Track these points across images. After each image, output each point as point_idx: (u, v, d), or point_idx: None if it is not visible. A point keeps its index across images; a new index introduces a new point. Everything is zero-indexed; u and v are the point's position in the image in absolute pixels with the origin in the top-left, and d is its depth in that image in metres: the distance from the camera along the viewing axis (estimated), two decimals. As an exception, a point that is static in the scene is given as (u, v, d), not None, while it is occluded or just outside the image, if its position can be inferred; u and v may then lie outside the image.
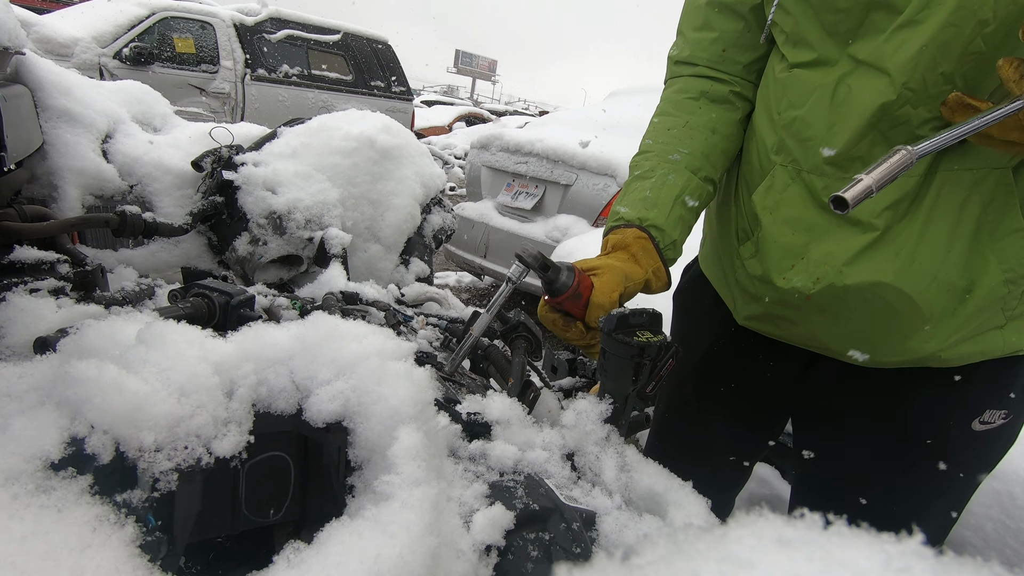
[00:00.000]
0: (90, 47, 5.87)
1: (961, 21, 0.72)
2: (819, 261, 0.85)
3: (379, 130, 1.83)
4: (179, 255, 1.63)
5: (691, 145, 0.96)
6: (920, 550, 0.27)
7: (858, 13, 0.79)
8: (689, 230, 0.97)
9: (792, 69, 0.88)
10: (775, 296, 0.91)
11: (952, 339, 0.83)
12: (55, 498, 0.50)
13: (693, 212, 0.96)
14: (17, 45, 1.18)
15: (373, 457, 0.60)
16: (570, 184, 3.77)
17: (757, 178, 0.93)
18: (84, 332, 0.66)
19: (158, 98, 1.97)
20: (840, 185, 0.82)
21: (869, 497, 0.96)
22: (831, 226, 0.85)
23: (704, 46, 0.99)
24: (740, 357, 1.08)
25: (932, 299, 0.81)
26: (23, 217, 1.08)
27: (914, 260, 0.80)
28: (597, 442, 0.78)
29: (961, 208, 0.79)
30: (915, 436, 0.92)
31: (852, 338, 0.88)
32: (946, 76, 0.74)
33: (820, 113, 0.84)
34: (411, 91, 8.84)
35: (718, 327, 1.10)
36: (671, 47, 1.06)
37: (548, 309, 0.87)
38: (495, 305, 0.90)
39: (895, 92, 0.77)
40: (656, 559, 0.30)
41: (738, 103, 0.99)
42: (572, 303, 0.84)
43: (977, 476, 0.95)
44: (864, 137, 0.80)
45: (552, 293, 0.84)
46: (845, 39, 0.82)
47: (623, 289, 0.85)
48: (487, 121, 14.13)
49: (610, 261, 0.88)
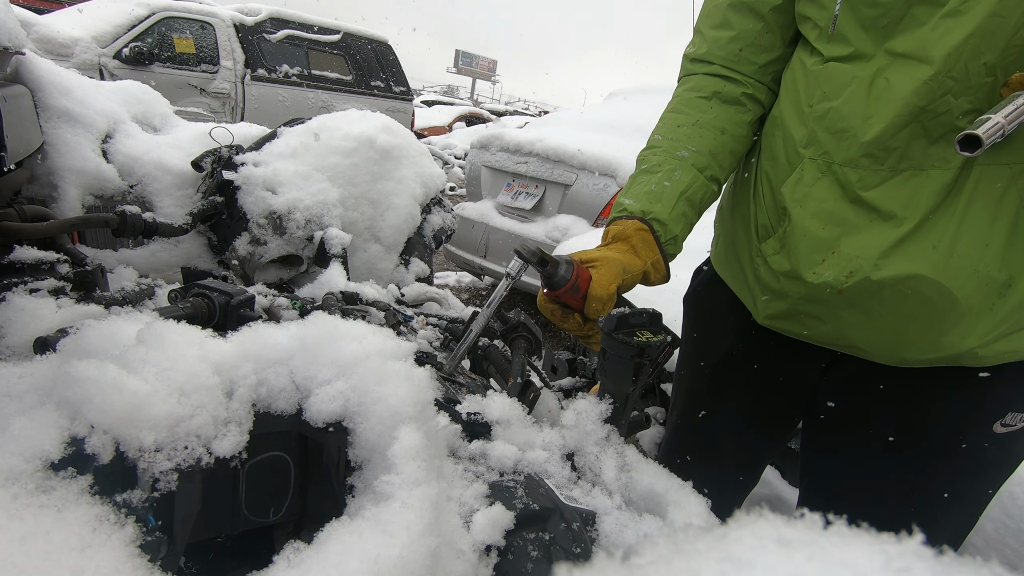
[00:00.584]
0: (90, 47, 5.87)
1: (1007, 11, 0.72)
2: (852, 255, 0.84)
3: (379, 130, 1.83)
4: (179, 255, 1.63)
5: (699, 143, 0.96)
6: (920, 550, 0.27)
7: (900, 7, 0.79)
8: (691, 227, 0.97)
9: (827, 62, 0.88)
10: (803, 292, 0.90)
11: (991, 335, 0.82)
12: (55, 498, 0.50)
13: (696, 210, 0.96)
14: (17, 45, 1.18)
15: (373, 457, 0.60)
16: (570, 184, 3.77)
17: (783, 173, 0.92)
18: (84, 332, 0.66)
19: (158, 98, 1.97)
20: (874, 178, 0.82)
21: (885, 500, 0.95)
22: (863, 220, 0.84)
23: (721, 44, 0.99)
24: (758, 359, 1.07)
25: (971, 293, 0.80)
26: (23, 217, 1.08)
27: (953, 253, 0.79)
28: (597, 442, 0.78)
29: (999, 202, 0.78)
30: (937, 438, 0.91)
31: (884, 334, 0.87)
32: (988, 67, 0.74)
33: (856, 104, 0.83)
34: (411, 91, 8.84)
35: (735, 329, 1.09)
36: (687, 45, 1.07)
37: (547, 301, 0.87)
38: (495, 302, 0.90)
39: (937, 81, 0.76)
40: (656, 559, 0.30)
41: (750, 105, 0.99)
42: (570, 296, 0.84)
43: (996, 480, 0.94)
44: (903, 128, 0.79)
45: (551, 287, 0.84)
46: (883, 34, 0.82)
47: (621, 281, 0.85)
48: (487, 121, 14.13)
49: (608, 253, 0.88)
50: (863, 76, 0.83)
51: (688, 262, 1.28)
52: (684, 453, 1.22)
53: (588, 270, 0.85)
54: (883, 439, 0.95)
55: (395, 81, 8.38)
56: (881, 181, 0.82)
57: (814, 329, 0.94)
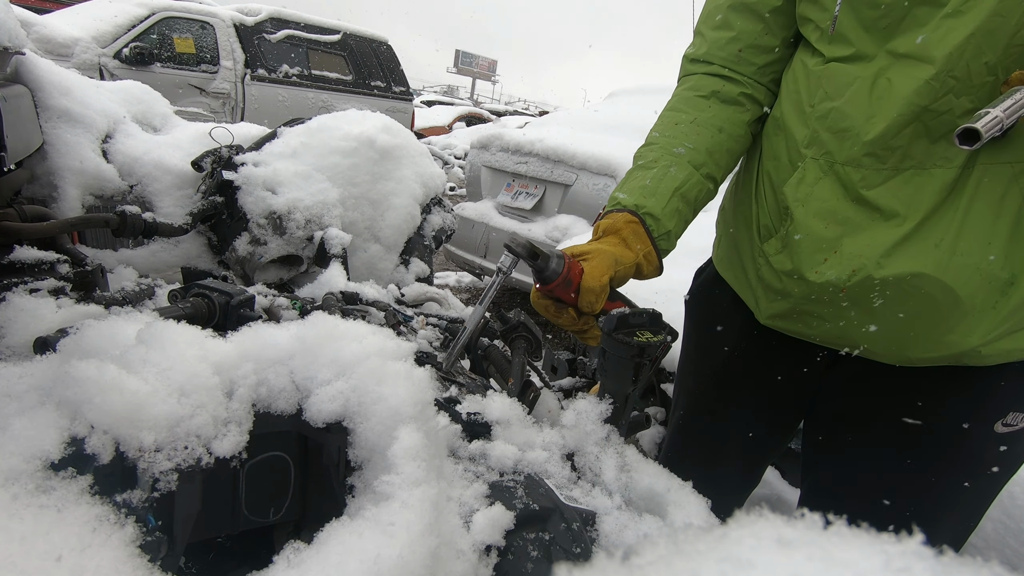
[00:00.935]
0: (90, 47, 5.87)
1: (1007, 11, 0.73)
2: (854, 254, 0.84)
3: (379, 130, 1.83)
4: (179, 255, 1.63)
5: (697, 141, 0.97)
6: (920, 550, 0.27)
7: (901, 8, 0.80)
8: (686, 224, 0.97)
9: (828, 63, 0.88)
10: (805, 291, 0.90)
11: (993, 334, 0.82)
12: (55, 498, 0.50)
13: (691, 207, 0.96)
14: (17, 45, 1.18)
15: (373, 457, 0.60)
16: (570, 184, 3.77)
17: (785, 173, 0.93)
18: (84, 332, 0.66)
19: (158, 98, 1.97)
20: (877, 177, 0.82)
21: (887, 500, 0.95)
22: (865, 219, 0.84)
23: (721, 45, 1.00)
24: (761, 359, 1.07)
25: (974, 291, 0.80)
26: (23, 217, 1.08)
27: (955, 251, 0.80)
28: (597, 442, 0.78)
29: (1001, 201, 0.79)
30: (938, 438, 0.91)
31: (887, 333, 0.87)
32: (990, 67, 0.75)
33: (858, 104, 0.83)
34: (411, 91, 8.84)
35: (737, 329, 1.09)
36: (688, 47, 1.07)
37: (540, 296, 0.87)
38: (487, 298, 0.90)
39: (939, 81, 0.77)
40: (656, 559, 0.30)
41: (748, 105, 1.00)
42: (563, 289, 0.84)
43: (998, 480, 0.94)
44: (905, 127, 0.80)
45: (543, 281, 0.84)
46: (884, 35, 0.82)
47: (613, 273, 0.85)
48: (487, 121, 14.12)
49: (600, 246, 0.88)
50: (865, 76, 0.83)
51: (690, 262, 1.29)
52: (685, 453, 1.22)
53: (580, 263, 0.85)
54: (884, 439, 0.95)
55: (395, 81, 8.39)
56: (883, 180, 0.82)
57: (816, 328, 0.94)
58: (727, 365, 1.13)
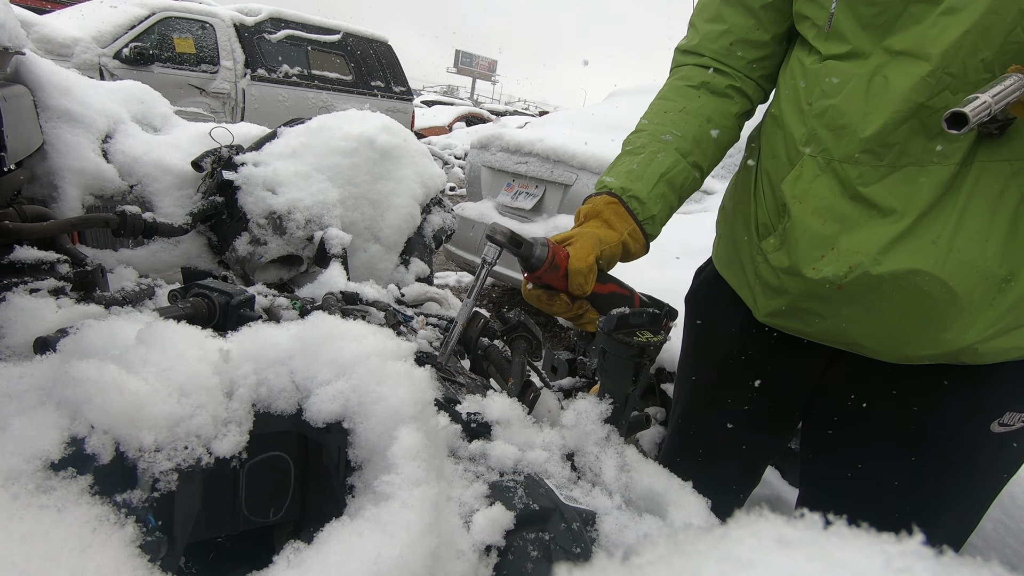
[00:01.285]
0: (90, 47, 5.87)
1: (1002, 9, 0.73)
2: (852, 250, 0.85)
3: (379, 130, 1.83)
4: (179, 255, 1.63)
5: (684, 129, 0.98)
6: (920, 550, 0.27)
7: (897, 6, 0.80)
8: (671, 211, 0.98)
9: (825, 60, 0.88)
10: (803, 288, 0.90)
11: (990, 331, 0.82)
12: (55, 498, 0.50)
13: (677, 193, 0.98)
14: (17, 45, 1.18)
15: (373, 457, 0.60)
16: (570, 184, 3.77)
17: (783, 171, 0.93)
18: (84, 332, 0.66)
19: (158, 98, 1.97)
20: (874, 174, 0.83)
21: (885, 500, 0.95)
22: (862, 216, 0.84)
23: (713, 38, 1.01)
24: (759, 358, 1.08)
25: (971, 288, 0.80)
26: (23, 217, 1.08)
27: (952, 248, 0.80)
28: (597, 442, 0.78)
29: (998, 198, 0.79)
30: (935, 438, 0.91)
31: (885, 330, 0.87)
32: (986, 63, 0.75)
33: (855, 101, 0.84)
34: (411, 91, 8.84)
35: (737, 328, 1.09)
36: (681, 40, 1.09)
37: (531, 287, 0.87)
38: (475, 290, 0.90)
39: (935, 78, 0.77)
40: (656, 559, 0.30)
41: (737, 98, 1.01)
42: (551, 275, 0.84)
43: (996, 480, 0.94)
44: (902, 124, 0.80)
45: (529, 269, 0.84)
46: (880, 32, 0.82)
47: (599, 252, 0.86)
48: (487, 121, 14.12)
49: (582, 229, 0.89)
50: (861, 73, 0.84)
51: (690, 262, 1.29)
52: (685, 453, 1.22)
53: (564, 248, 0.86)
54: (883, 438, 0.95)
55: (395, 81, 8.39)
56: (881, 177, 0.83)
57: (813, 326, 0.94)
58: (726, 364, 1.13)
